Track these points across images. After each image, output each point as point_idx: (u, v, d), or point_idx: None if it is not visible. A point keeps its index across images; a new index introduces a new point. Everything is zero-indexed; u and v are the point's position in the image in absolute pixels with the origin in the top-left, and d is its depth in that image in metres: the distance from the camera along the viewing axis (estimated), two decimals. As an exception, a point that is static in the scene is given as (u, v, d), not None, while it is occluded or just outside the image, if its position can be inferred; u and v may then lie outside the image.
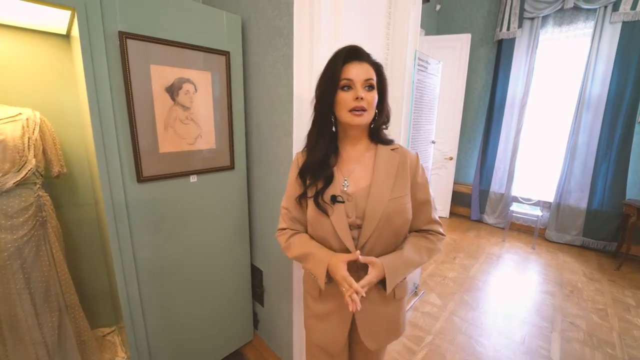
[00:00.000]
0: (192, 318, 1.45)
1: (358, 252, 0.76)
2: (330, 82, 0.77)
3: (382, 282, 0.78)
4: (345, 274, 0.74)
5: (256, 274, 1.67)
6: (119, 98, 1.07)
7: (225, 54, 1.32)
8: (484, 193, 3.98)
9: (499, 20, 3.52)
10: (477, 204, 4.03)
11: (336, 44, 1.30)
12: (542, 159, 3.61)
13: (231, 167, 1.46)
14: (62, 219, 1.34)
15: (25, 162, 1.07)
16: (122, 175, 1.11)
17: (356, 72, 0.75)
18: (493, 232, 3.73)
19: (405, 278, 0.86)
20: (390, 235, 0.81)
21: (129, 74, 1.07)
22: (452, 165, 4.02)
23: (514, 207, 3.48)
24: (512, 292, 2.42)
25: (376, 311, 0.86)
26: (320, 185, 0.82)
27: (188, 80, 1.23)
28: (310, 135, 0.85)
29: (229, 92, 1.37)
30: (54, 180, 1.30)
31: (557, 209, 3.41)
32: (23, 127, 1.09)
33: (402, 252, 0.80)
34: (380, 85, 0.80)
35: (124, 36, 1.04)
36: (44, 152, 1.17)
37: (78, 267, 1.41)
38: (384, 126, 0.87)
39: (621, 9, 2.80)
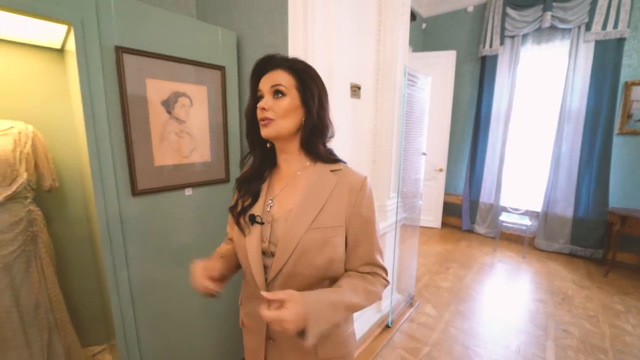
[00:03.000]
0: (186, 334, 1.40)
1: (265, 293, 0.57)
2: (250, 96, 0.72)
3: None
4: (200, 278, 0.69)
5: (251, 288, 1.64)
6: (114, 111, 1.08)
7: (221, 68, 1.35)
8: (473, 203, 4.05)
9: (482, 38, 3.70)
10: (467, 214, 4.09)
11: (329, 59, 1.35)
12: (529, 170, 3.72)
13: (226, 179, 1.46)
14: (53, 234, 1.30)
15: (17, 176, 1.05)
16: (116, 188, 1.10)
17: (265, 82, 0.68)
18: (484, 241, 3.78)
19: (340, 331, 0.72)
20: (307, 275, 0.66)
21: (125, 87, 1.08)
22: (442, 176, 4.11)
23: (504, 216, 3.55)
24: (506, 301, 2.44)
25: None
26: (246, 201, 0.74)
27: (184, 94, 1.25)
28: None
29: (224, 105, 1.39)
30: (45, 195, 1.28)
31: (545, 218, 3.49)
32: (15, 141, 1.07)
33: (333, 289, 0.64)
34: (305, 92, 0.68)
35: (120, 51, 1.06)
36: (36, 165, 1.15)
37: (68, 284, 1.36)
38: (324, 140, 0.73)
39: (593, 29, 2.98)
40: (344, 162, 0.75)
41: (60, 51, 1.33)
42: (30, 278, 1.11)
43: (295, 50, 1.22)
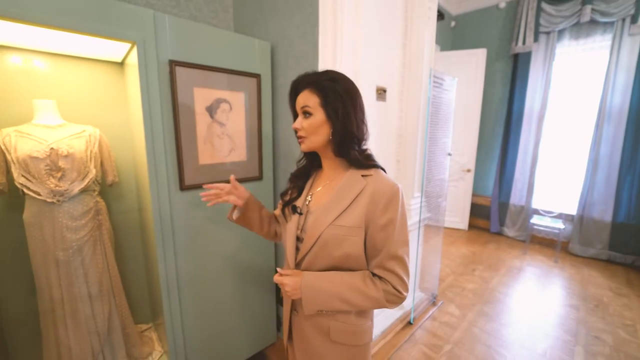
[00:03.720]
0: (221, 319, 1.55)
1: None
2: (292, 113, 0.84)
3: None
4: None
5: (280, 278, 1.77)
6: (168, 116, 1.23)
7: (257, 76, 1.48)
8: (503, 205, 3.94)
9: (514, 35, 3.59)
10: (496, 216, 3.99)
11: (355, 64, 1.43)
12: (563, 171, 3.56)
13: (260, 177, 1.59)
14: (111, 222, 1.51)
15: (88, 172, 1.25)
16: (168, 183, 1.26)
17: (298, 102, 0.79)
18: (514, 244, 3.67)
19: (353, 320, 0.80)
20: (326, 263, 0.76)
21: (177, 96, 1.24)
22: (470, 177, 4.03)
23: (535, 219, 3.43)
24: (534, 305, 2.39)
25: (307, 337, 0.83)
26: (293, 193, 0.89)
27: (225, 100, 1.39)
28: None
29: (259, 110, 1.52)
30: (106, 189, 1.47)
31: (580, 222, 3.34)
32: (86, 142, 1.27)
33: (331, 275, 0.74)
34: (328, 106, 0.74)
35: (173, 64, 1.21)
36: (102, 163, 1.35)
37: (120, 267, 1.55)
38: (355, 147, 0.78)
39: (639, 21, 2.81)
40: (381, 168, 0.81)
41: (121, 64, 1.52)
42: (96, 259, 1.31)
43: (324, 58, 1.32)
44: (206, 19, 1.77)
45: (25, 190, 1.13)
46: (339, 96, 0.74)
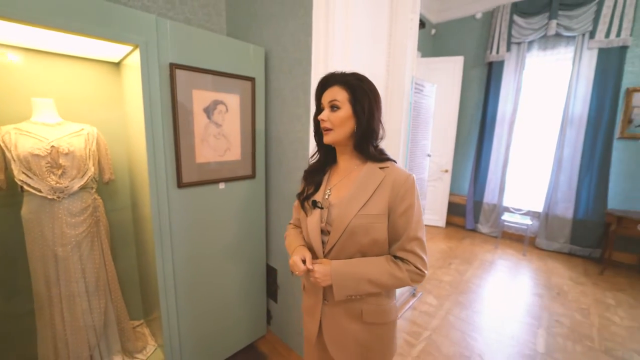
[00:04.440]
0: (214, 311, 1.62)
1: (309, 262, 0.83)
2: (316, 107, 0.90)
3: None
4: (296, 258, 0.83)
5: (271, 273, 1.86)
6: (167, 117, 1.29)
7: (252, 79, 1.56)
8: (477, 204, 4.20)
9: (489, 44, 3.84)
10: (471, 214, 4.24)
11: (345, 70, 1.54)
12: (531, 171, 3.86)
13: (253, 176, 1.67)
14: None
15: (87, 170, 1.28)
16: (166, 181, 1.32)
17: (325, 97, 0.85)
18: (487, 240, 3.94)
19: (382, 301, 0.86)
20: (355, 251, 0.81)
21: (176, 97, 1.30)
22: (447, 177, 4.27)
23: (506, 216, 3.70)
24: (504, 294, 2.61)
25: (340, 324, 0.87)
26: (310, 189, 0.92)
27: (221, 102, 1.46)
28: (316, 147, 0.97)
29: (254, 111, 1.60)
30: (101, 186, 1.50)
31: (546, 219, 3.63)
32: (85, 140, 1.30)
33: (357, 261, 0.81)
34: (356, 103, 0.81)
35: (173, 67, 1.27)
36: (99, 161, 1.38)
37: (114, 264, 1.58)
38: (373, 142, 0.85)
39: (597, 37, 3.11)
40: (394, 161, 0.87)
41: (117, 65, 1.55)
42: (93, 255, 1.34)
43: (317, 65, 1.41)
44: (200, 22, 1.82)
45: (26, 187, 1.15)
46: (366, 94, 0.81)
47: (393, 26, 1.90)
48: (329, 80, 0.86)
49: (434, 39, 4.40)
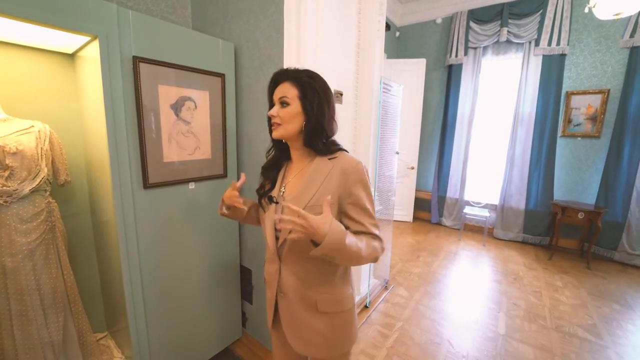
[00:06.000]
0: (186, 318, 1.55)
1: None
2: (269, 103, 0.91)
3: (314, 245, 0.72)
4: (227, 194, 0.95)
5: (245, 274, 1.82)
6: (131, 113, 1.21)
7: (221, 75, 1.51)
8: (441, 198, 4.44)
9: (448, 48, 4.08)
10: (436, 209, 4.48)
11: (316, 69, 1.56)
12: (488, 167, 4.17)
13: (224, 175, 1.62)
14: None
15: (39, 171, 1.16)
16: (131, 182, 1.24)
17: (276, 93, 0.86)
18: (450, 232, 4.17)
19: (337, 290, 0.87)
20: (307, 244, 0.76)
21: (140, 92, 1.22)
22: (413, 174, 4.46)
23: (467, 209, 3.95)
24: (468, 283, 2.79)
25: (296, 315, 0.88)
26: (267, 185, 0.95)
27: (189, 98, 1.40)
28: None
29: (224, 108, 1.55)
30: (55, 189, 1.37)
31: (502, 211, 3.94)
32: (36, 138, 1.18)
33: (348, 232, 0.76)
34: (306, 100, 0.82)
35: (137, 60, 1.20)
36: (53, 161, 1.26)
37: (73, 272, 1.46)
38: (323, 139, 0.86)
39: (541, 44, 3.43)
40: (345, 150, 0.89)
41: (71, 56, 1.43)
42: (49, 264, 1.22)
43: (289, 62, 1.41)
44: (163, 14, 1.73)
45: (-35, 191, 1.02)
46: (315, 92, 0.83)
47: (362, 27, 1.96)
48: (281, 77, 0.86)
49: (398, 41, 4.58)
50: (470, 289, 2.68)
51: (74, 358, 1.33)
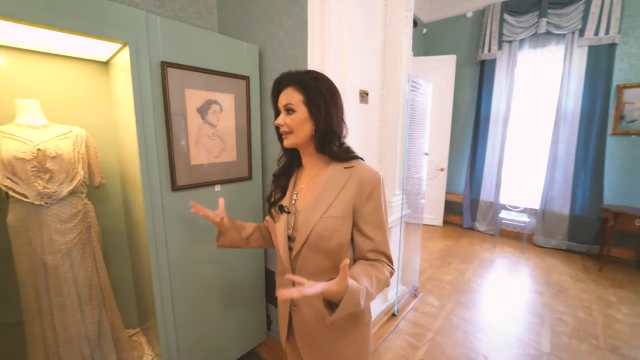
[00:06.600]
0: (213, 319, 1.56)
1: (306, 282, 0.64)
2: (274, 111, 0.86)
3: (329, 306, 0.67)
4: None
5: (270, 276, 1.80)
6: (159, 117, 1.24)
7: (246, 78, 1.52)
8: (474, 202, 4.20)
9: (480, 43, 3.87)
10: (468, 212, 4.24)
11: (341, 68, 1.52)
12: (527, 169, 3.88)
13: (249, 177, 1.62)
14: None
15: (76, 174, 1.22)
16: (160, 184, 1.27)
17: (280, 100, 0.81)
18: (484, 238, 3.93)
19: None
20: (322, 255, 0.78)
21: (168, 97, 1.25)
22: (443, 175, 4.27)
23: (503, 214, 3.70)
24: (505, 293, 2.59)
25: (311, 329, 0.84)
26: (277, 194, 0.90)
27: (215, 102, 1.42)
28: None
29: (249, 111, 1.55)
30: (91, 191, 1.44)
31: (543, 216, 3.64)
32: (74, 143, 1.24)
33: (362, 283, 0.69)
34: (311, 104, 0.77)
35: (165, 65, 1.23)
36: (89, 164, 1.32)
37: (107, 271, 1.52)
38: (336, 142, 0.83)
39: (586, 34, 3.15)
40: (361, 158, 0.85)
41: (105, 64, 1.50)
42: (85, 262, 1.28)
43: (313, 62, 1.38)
44: (190, 19, 1.78)
45: (11, 193, 1.09)
46: (321, 94, 0.77)
47: (388, 23, 1.89)
48: (282, 82, 0.81)
49: (426, 38, 4.43)
50: (509, 300, 2.48)
51: (107, 352, 1.38)
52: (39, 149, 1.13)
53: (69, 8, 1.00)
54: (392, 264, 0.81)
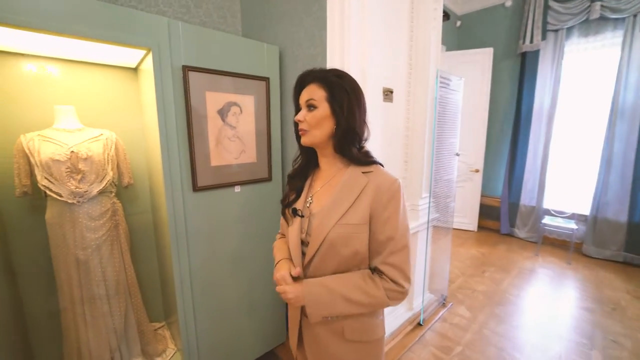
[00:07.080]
0: (233, 317, 1.58)
1: (298, 269, 0.76)
2: (295, 107, 0.85)
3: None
4: (284, 273, 0.77)
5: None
6: (181, 120, 1.28)
7: (266, 79, 1.52)
8: (513, 206, 3.89)
9: (521, 33, 3.56)
10: (506, 217, 3.94)
11: (363, 65, 1.46)
12: (575, 170, 3.50)
13: (269, 178, 1.62)
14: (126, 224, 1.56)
15: (106, 174, 1.30)
16: (181, 185, 1.30)
17: (302, 96, 0.78)
18: (525, 246, 3.62)
19: (365, 319, 0.79)
20: (336, 263, 0.75)
21: (190, 100, 1.28)
22: (478, 177, 4.00)
23: (547, 220, 3.37)
24: (547, 307, 2.35)
25: (321, 340, 0.81)
26: (292, 196, 0.87)
27: (235, 104, 1.43)
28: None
29: (268, 112, 1.55)
30: (120, 190, 1.53)
31: (594, 223, 3.27)
32: (104, 145, 1.32)
33: (333, 279, 0.74)
34: (334, 101, 0.75)
35: (186, 69, 1.25)
36: (118, 166, 1.40)
37: (134, 267, 1.60)
38: (356, 144, 0.79)
39: (650, 17, 2.77)
40: (380, 164, 0.81)
41: (135, 70, 1.58)
42: (113, 258, 1.36)
43: (332, 61, 1.34)
44: (215, 24, 1.82)
45: (48, 192, 1.18)
46: (345, 92, 0.75)
47: (415, 17, 1.79)
48: (306, 78, 0.79)
49: (460, 31, 4.18)
50: (552, 315, 2.24)
51: (133, 345, 1.45)
52: (72, 151, 1.22)
53: (94, 17, 1.05)
54: (402, 276, 0.74)
